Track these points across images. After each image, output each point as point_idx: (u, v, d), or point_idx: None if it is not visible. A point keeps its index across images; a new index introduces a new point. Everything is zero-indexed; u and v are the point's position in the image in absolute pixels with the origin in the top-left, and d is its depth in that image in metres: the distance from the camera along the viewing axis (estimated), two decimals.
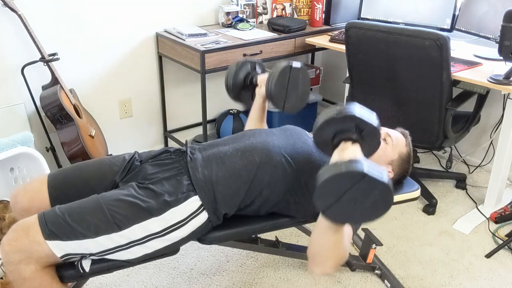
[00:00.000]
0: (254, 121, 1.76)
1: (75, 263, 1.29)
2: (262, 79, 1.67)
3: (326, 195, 1.07)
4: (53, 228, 1.23)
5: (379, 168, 1.07)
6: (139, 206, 1.28)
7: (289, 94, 1.56)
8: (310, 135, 1.58)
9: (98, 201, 1.29)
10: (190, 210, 1.32)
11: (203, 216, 1.35)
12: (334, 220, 1.12)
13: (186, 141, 1.60)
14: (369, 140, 1.23)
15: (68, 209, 1.27)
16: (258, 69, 1.75)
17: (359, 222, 1.19)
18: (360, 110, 1.21)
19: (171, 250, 1.36)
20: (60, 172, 1.48)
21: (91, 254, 1.26)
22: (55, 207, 1.28)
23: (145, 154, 1.53)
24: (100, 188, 1.40)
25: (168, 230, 1.30)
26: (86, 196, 1.33)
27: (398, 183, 1.65)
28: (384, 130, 1.60)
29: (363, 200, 1.06)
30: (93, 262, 1.30)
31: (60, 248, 1.23)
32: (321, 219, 1.19)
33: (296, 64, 1.57)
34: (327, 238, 1.19)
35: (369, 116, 1.22)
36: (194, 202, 1.33)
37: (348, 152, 1.17)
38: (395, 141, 1.56)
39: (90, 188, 1.39)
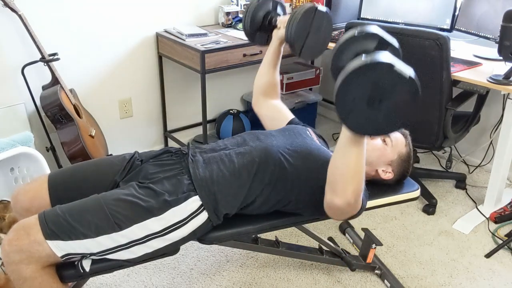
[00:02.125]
0: (267, 67, 1.71)
1: (76, 263, 1.29)
2: (282, 20, 1.60)
3: (348, 93, 0.99)
4: (53, 228, 1.23)
5: (406, 64, 1.02)
6: (140, 206, 1.29)
7: (309, 38, 1.46)
8: (310, 132, 1.58)
9: (98, 201, 1.29)
10: (190, 210, 1.32)
11: (203, 216, 1.35)
12: (355, 127, 1.04)
13: (188, 143, 1.60)
14: None
15: (68, 209, 1.27)
16: (279, 10, 1.66)
17: (382, 130, 1.07)
18: (381, 30, 1.15)
19: (171, 249, 1.36)
20: (60, 172, 1.48)
21: (91, 254, 1.26)
22: (55, 207, 1.29)
23: (145, 154, 1.53)
24: (100, 187, 1.40)
25: (169, 229, 1.30)
26: (86, 196, 1.33)
27: (398, 183, 1.65)
28: None
29: (387, 98, 1.00)
30: (93, 262, 1.30)
31: (61, 248, 1.23)
32: (342, 135, 1.15)
33: (322, 7, 1.48)
34: (348, 158, 1.15)
35: (391, 37, 1.16)
36: (195, 202, 1.33)
37: None
38: (394, 142, 1.56)
39: (90, 188, 1.39)
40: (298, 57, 1.51)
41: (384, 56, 1.00)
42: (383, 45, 1.15)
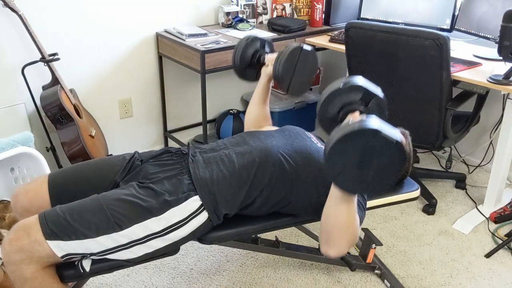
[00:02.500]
0: (257, 102, 1.75)
1: (76, 263, 1.29)
2: (270, 58, 1.66)
3: (337, 157, 1.04)
4: (53, 228, 1.23)
5: (392, 127, 1.06)
6: (140, 206, 1.29)
7: (295, 76, 1.55)
8: (309, 134, 1.59)
9: (98, 201, 1.29)
10: (190, 210, 1.33)
11: (203, 216, 1.35)
12: (345, 187, 1.08)
13: (188, 143, 1.60)
14: (376, 112, 1.22)
15: (68, 209, 1.27)
16: (267, 48, 1.73)
17: (371, 190, 1.13)
18: (365, 81, 1.20)
19: (172, 249, 1.36)
20: (60, 172, 1.48)
21: (91, 254, 1.27)
22: (55, 207, 1.29)
23: (145, 154, 1.53)
24: (100, 187, 1.40)
25: (169, 229, 1.30)
26: (86, 196, 1.33)
27: (398, 183, 1.65)
28: None
29: (376, 161, 1.04)
30: (94, 262, 1.30)
31: (61, 248, 1.23)
32: (332, 191, 1.19)
33: (307, 46, 1.56)
34: (340, 213, 1.19)
35: (375, 87, 1.21)
36: (195, 201, 1.33)
37: (357, 118, 1.15)
38: None
39: (90, 188, 1.39)
40: (286, 93, 1.59)
41: (371, 122, 1.05)
42: (367, 96, 1.20)
